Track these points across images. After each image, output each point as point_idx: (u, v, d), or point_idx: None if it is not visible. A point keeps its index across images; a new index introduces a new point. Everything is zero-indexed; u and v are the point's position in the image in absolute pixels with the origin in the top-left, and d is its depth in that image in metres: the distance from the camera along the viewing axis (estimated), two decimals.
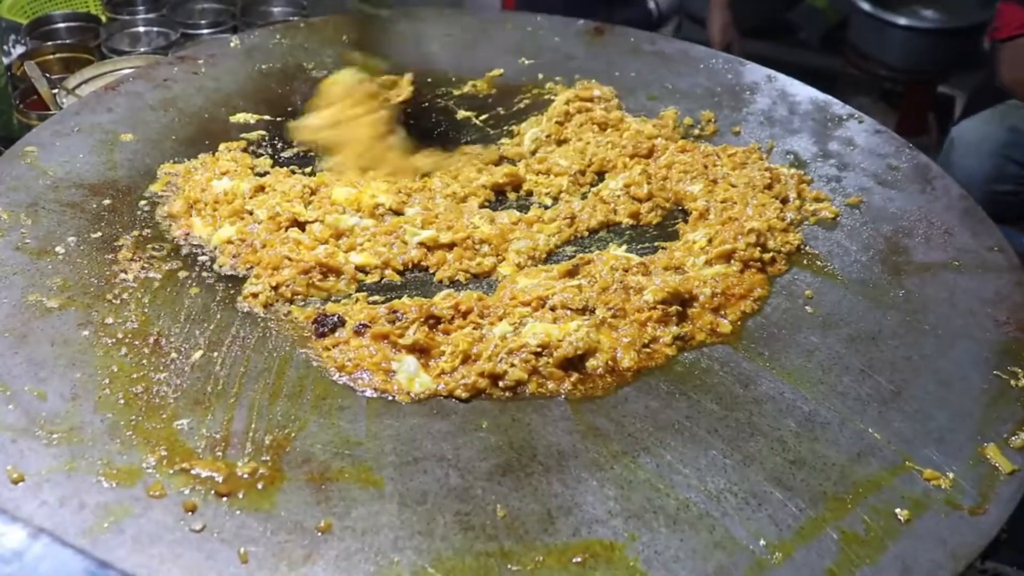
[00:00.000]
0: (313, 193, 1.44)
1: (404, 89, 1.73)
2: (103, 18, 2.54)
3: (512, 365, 1.15)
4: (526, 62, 1.89)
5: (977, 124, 2.50)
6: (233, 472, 1.01)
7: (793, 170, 1.56)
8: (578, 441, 1.08)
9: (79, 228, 1.33)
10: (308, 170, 1.52)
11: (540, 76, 1.85)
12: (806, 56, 3.86)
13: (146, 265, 1.29)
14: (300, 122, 1.61)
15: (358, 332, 1.19)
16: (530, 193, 1.54)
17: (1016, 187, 1.42)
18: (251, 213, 1.38)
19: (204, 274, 1.30)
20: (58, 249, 1.29)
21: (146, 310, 1.21)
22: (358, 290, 1.31)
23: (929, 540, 0.98)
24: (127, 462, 1.00)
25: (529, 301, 1.24)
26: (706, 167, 1.55)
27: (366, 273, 1.33)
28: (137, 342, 1.16)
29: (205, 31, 2.47)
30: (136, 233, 1.35)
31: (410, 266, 1.35)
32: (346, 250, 1.35)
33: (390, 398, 1.12)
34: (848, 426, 1.12)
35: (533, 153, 1.62)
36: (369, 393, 1.13)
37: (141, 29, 2.49)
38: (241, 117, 1.65)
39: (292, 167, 1.53)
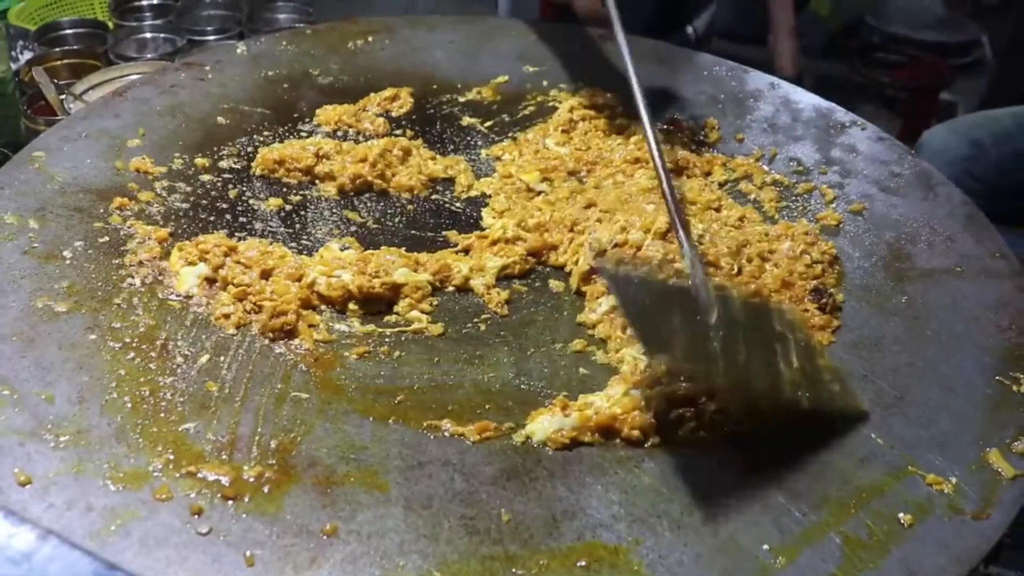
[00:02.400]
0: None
1: (404, 101, 1.75)
2: (110, 25, 2.56)
3: None
4: (531, 69, 1.90)
5: (943, 133, 2.45)
6: (239, 476, 1.01)
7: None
8: (582, 445, 1.08)
9: (86, 233, 1.34)
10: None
11: (545, 83, 1.86)
12: (809, 63, 3.87)
13: (153, 270, 1.29)
14: None
15: None
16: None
17: (975, 200, 1.42)
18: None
19: None
20: (65, 253, 1.30)
21: (153, 314, 1.22)
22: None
23: (932, 545, 0.99)
24: (134, 465, 1.01)
25: None
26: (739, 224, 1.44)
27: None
28: (144, 346, 1.17)
29: (211, 37, 2.50)
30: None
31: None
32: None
33: None
34: (851, 431, 1.12)
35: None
36: None
37: (148, 35, 2.52)
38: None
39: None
